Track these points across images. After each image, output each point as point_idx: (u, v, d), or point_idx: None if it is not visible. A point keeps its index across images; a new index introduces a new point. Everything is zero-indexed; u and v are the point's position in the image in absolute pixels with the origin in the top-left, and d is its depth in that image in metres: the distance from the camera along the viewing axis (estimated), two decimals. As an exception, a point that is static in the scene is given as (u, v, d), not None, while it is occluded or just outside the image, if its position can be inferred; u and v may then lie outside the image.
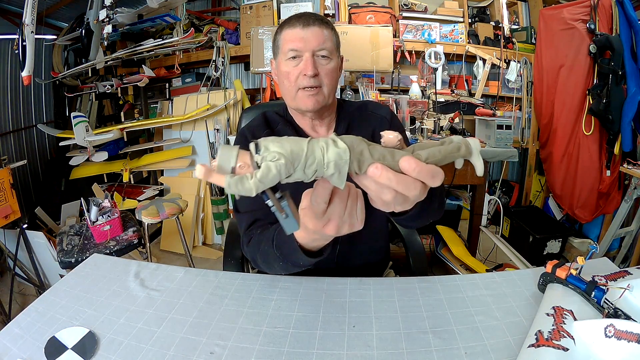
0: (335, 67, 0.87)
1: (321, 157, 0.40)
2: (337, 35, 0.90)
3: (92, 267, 0.86)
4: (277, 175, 0.38)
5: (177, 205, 1.96)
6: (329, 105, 0.90)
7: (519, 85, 2.92)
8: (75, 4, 2.76)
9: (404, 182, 0.42)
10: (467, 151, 0.47)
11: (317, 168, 0.40)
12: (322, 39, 0.84)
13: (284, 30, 0.87)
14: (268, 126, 0.94)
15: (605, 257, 0.85)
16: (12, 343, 0.62)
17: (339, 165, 0.40)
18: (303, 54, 0.84)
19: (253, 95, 3.14)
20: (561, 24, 2.41)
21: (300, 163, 0.39)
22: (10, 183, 1.86)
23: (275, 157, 0.38)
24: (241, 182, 0.38)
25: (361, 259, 0.96)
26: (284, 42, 0.86)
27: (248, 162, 0.39)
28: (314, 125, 0.94)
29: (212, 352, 0.59)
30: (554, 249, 2.35)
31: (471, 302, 0.70)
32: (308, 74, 0.83)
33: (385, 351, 0.59)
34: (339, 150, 0.40)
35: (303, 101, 0.86)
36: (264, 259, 0.74)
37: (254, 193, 0.38)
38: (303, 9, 2.82)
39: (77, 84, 3.08)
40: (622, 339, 0.52)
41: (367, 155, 0.41)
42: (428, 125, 2.29)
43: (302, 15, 0.86)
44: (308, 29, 0.83)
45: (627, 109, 2.12)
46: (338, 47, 0.90)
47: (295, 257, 0.64)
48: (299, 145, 0.40)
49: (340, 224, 0.50)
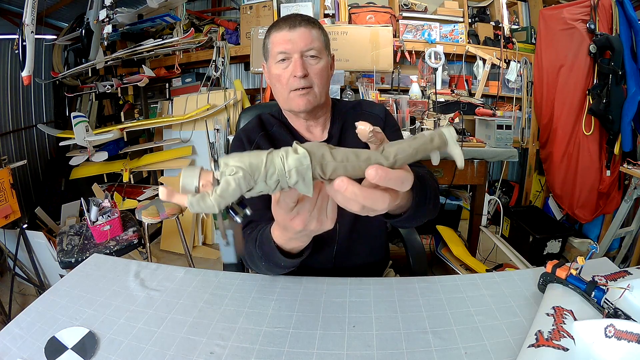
0: (325, 66, 0.87)
1: (281, 165, 0.39)
2: (326, 34, 0.90)
3: (92, 267, 0.86)
4: (237, 189, 0.38)
5: (177, 205, 1.96)
6: (321, 104, 0.90)
7: (519, 85, 2.92)
8: (75, 4, 2.76)
9: (370, 196, 0.42)
10: (441, 142, 0.44)
11: (279, 178, 0.40)
12: (309, 39, 0.84)
13: (272, 33, 0.87)
14: (263, 128, 0.94)
15: (605, 257, 0.85)
16: (12, 343, 0.62)
17: (301, 172, 0.40)
18: (292, 55, 0.84)
19: (253, 95, 3.14)
20: (561, 24, 2.41)
21: (260, 174, 0.39)
22: (10, 183, 1.86)
23: (234, 170, 0.38)
24: (203, 199, 0.38)
25: (360, 258, 0.96)
26: (273, 45, 0.86)
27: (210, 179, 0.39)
28: (308, 126, 0.94)
29: (212, 352, 0.59)
30: (554, 249, 2.35)
31: (471, 302, 0.70)
32: (297, 75, 0.83)
33: (385, 351, 0.59)
34: (299, 156, 0.40)
35: (295, 102, 0.86)
36: (250, 259, 0.75)
37: (216, 210, 0.38)
38: (303, 9, 2.81)
39: (77, 84, 3.08)
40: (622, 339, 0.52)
41: (329, 158, 0.40)
42: (428, 125, 2.29)
43: (288, 17, 0.87)
44: (295, 31, 0.84)
45: (627, 109, 2.12)
46: (327, 46, 0.91)
47: (275, 257, 0.65)
48: (258, 157, 0.39)
49: (308, 220, 0.50)
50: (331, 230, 0.90)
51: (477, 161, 2.08)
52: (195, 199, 0.38)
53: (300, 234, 0.54)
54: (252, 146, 0.91)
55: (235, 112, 2.82)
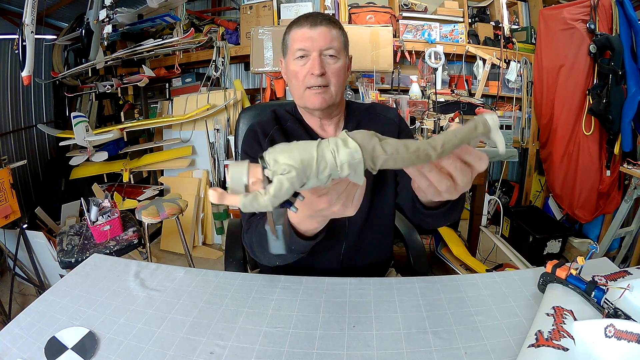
0: (342, 66, 0.88)
1: (333, 160, 0.39)
2: (346, 34, 0.91)
3: (92, 267, 0.86)
4: (290, 188, 0.38)
5: (177, 205, 1.96)
6: (336, 104, 0.91)
7: (519, 85, 2.92)
8: (75, 4, 2.76)
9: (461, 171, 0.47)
10: (485, 128, 0.45)
11: (330, 172, 0.40)
12: (329, 38, 0.85)
13: (292, 29, 0.88)
14: (278, 122, 0.95)
15: (605, 257, 0.85)
16: (12, 343, 0.62)
17: (353, 166, 0.40)
18: (310, 53, 0.85)
19: (253, 95, 3.14)
20: (561, 24, 2.41)
21: (312, 171, 0.39)
22: (10, 183, 1.86)
23: (286, 169, 0.38)
24: (256, 199, 0.38)
25: (367, 258, 0.96)
26: (292, 41, 0.87)
27: (260, 176, 0.39)
28: (322, 124, 0.95)
29: (212, 352, 0.59)
30: (554, 249, 2.35)
31: (471, 302, 0.70)
32: (315, 73, 0.84)
33: (385, 351, 0.59)
34: (350, 150, 0.39)
35: (310, 100, 0.87)
36: (259, 242, 0.74)
37: (270, 208, 0.38)
38: (303, 9, 2.81)
39: (77, 84, 3.08)
40: (622, 339, 0.52)
41: (380, 152, 0.40)
42: (428, 125, 2.29)
43: (310, 15, 0.88)
44: (316, 29, 0.84)
45: (627, 109, 2.12)
46: (346, 47, 0.91)
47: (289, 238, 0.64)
48: (308, 152, 0.39)
49: (334, 200, 0.50)
50: (341, 228, 0.90)
51: (477, 161, 2.08)
52: (248, 200, 0.38)
53: (320, 212, 0.53)
54: (266, 138, 0.92)
55: (235, 112, 2.82)
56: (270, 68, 2.58)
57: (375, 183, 0.93)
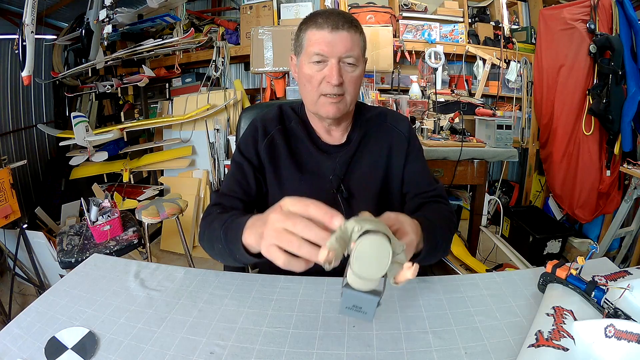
0: (360, 74, 0.83)
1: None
2: (365, 38, 0.85)
3: (92, 267, 0.86)
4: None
5: (177, 205, 1.96)
6: (349, 112, 0.88)
7: (519, 85, 2.92)
8: (75, 4, 2.76)
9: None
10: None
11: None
12: (350, 45, 0.79)
13: (311, 29, 0.80)
14: (281, 122, 0.93)
15: (605, 257, 0.85)
16: (12, 343, 0.61)
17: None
18: (329, 59, 0.79)
19: (253, 95, 3.14)
20: (561, 24, 2.41)
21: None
22: (10, 183, 1.86)
23: None
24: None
25: None
26: (309, 43, 0.80)
27: None
28: (329, 130, 0.92)
29: (212, 352, 0.59)
30: (554, 249, 2.35)
31: (471, 302, 0.70)
32: (333, 82, 0.78)
33: (385, 351, 0.59)
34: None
35: (324, 108, 0.83)
36: (209, 237, 0.74)
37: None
38: (303, 9, 2.81)
39: (77, 84, 3.08)
40: (622, 339, 0.52)
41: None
42: (428, 125, 2.29)
43: (331, 14, 0.80)
44: (337, 33, 0.78)
45: (627, 109, 2.12)
46: (364, 52, 0.85)
47: (235, 246, 0.63)
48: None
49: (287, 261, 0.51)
50: None
51: (477, 161, 2.08)
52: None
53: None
54: (266, 139, 0.90)
55: (235, 112, 2.82)
56: (270, 68, 2.58)
57: (381, 194, 0.92)
